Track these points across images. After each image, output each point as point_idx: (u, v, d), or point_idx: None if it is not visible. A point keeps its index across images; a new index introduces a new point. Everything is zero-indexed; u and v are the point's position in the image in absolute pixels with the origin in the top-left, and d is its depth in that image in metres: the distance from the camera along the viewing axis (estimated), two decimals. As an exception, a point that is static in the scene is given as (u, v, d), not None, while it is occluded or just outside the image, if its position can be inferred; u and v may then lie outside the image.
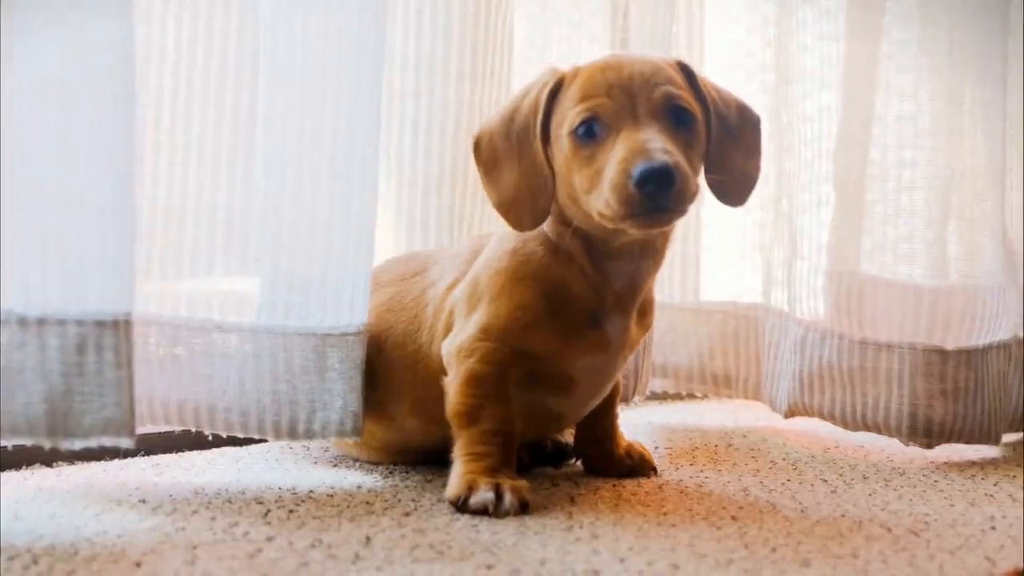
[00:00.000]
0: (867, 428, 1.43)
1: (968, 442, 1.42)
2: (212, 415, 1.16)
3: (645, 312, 1.19)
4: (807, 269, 1.49)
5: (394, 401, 1.19)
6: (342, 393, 1.16)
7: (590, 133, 1.06)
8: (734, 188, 1.14)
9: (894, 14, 1.47)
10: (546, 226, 1.13)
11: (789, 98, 1.52)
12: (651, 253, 1.13)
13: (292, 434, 1.16)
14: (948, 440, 1.41)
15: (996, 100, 1.48)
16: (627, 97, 1.06)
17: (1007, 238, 1.53)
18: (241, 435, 1.17)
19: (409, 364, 1.18)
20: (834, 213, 1.48)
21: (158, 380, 1.15)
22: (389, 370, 1.19)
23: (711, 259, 1.67)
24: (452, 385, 1.12)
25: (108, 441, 1.00)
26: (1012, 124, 1.61)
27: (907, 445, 1.43)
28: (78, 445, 0.99)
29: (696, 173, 1.08)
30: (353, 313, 1.17)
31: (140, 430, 1.26)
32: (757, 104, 1.57)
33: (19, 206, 0.97)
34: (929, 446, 1.41)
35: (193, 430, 1.18)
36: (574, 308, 1.12)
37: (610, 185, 1.02)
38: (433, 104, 1.38)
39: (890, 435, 1.42)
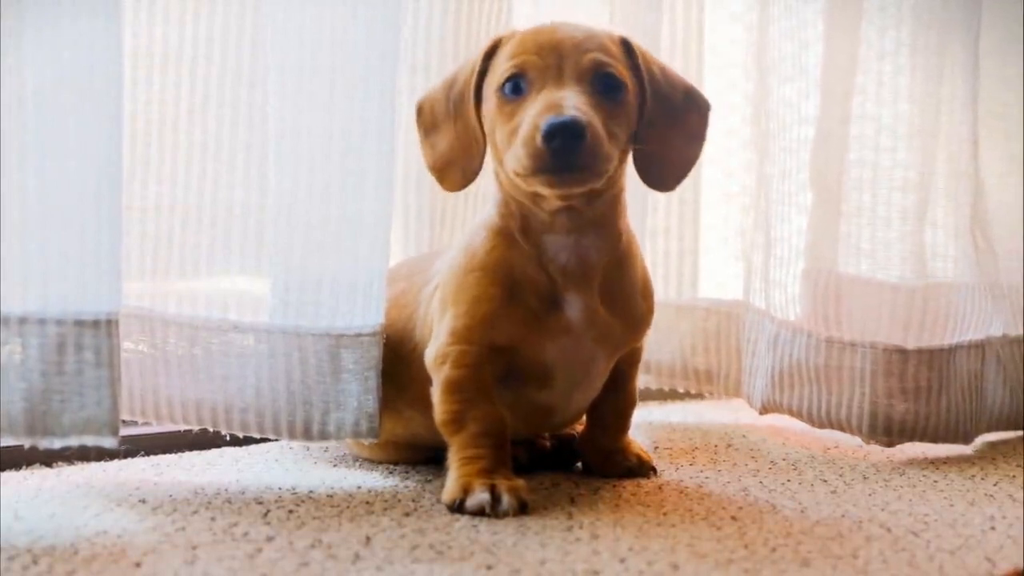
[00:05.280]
0: (832, 426, 1.44)
1: (933, 441, 1.42)
2: (229, 415, 1.16)
3: (624, 303, 1.15)
4: (782, 267, 1.49)
5: (398, 394, 1.20)
6: (356, 394, 1.16)
7: (516, 90, 1.07)
8: (666, 170, 1.14)
9: (873, 16, 1.47)
10: (493, 208, 1.14)
11: (771, 100, 1.51)
12: (591, 226, 1.12)
13: (307, 435, 1.17)
14: (910, 439, 1.41)
15: (969, 99, 1.48)
16: (556, 57, 1.07)
17: (984, 237, 1.53)
18: (257, 435, 1.18)
19: (408, 360, 1.19)
20: (812, 212, 1.48)
21: (177, 380, 1.16)
22: (394, 363, 1.20)
23: (699, 257, 1.66)
24: (435, 394, 1.13)
25: (90, 440, 1.00)
26: (1013, 124, 1.62)
27: (867, 443, 1.43)
28: (57, 444, 0.99)
29: (618, 142, 1.07)
30: (367, 313, 1.17)
31: (143, 430, 1.27)
32: (755, 101, 1.58)
33: (1, 206, 0.97)
34: (890, 444, 1.42)
35: (196, 429, 1.18)
36: (527, 291, 1.11)
37: (522, 140, 1.03)
38: (414, 101, 1.38)
39: (852, 433, 1.43)
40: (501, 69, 1.09)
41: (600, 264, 1.13)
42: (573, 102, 1.03)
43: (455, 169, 1.14)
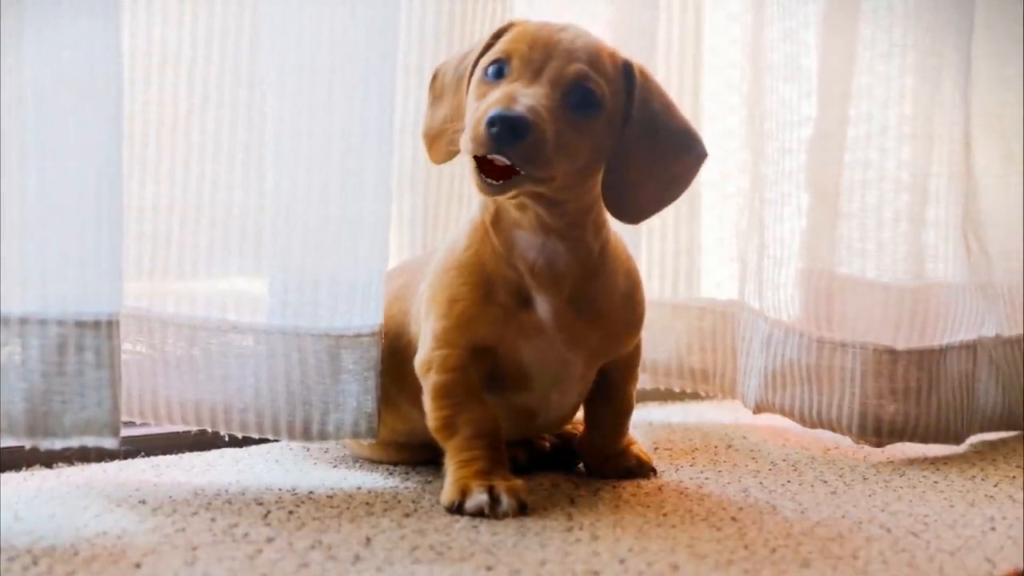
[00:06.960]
0: (822, 426, 1.44)
1: (923, 441, 1.43)
2: (228, 416, 1.16)
3: (602, 314, 1.14)
4: (776, 267, 1.49)
5: (397, 390, 1.20)
6: (356, 394, 1.17)
7: (498, 74, 1.07)
8: (630, 202, 1.12)
9: (869, 17, 1.47)
10: (478, 202, 1.14)
11: (767, 101, 1.51)
12: (556, 234, 1.11)
13: (306, 435, 1.17)
14: (900, 439, 1.42)
15: (962, 101, 1.49)
16: (543, 56, 1.06)
17: (976, 238, 1.54)
18: (256, 436, 1.18)
19: (405, 355, 1.18)
20: (808, 213, 1.48)
21: (175, 380, 1.16)
22: (393, 358, 1.20)
23: (695, 256, 1.66)
24: (425, 401, 1.13)
25: (90, 441, 1.00)
26: (1011, 123, 1.62)
27: (858, 444, 1.44)
28: (59, 445, 0.99)
29: (572, 156, 1.06)
30: (366, 313, 1.17)
31: (143, 430, 1.27)
32: (750, 102, 1.58)
33: (1, 206, 0.97)
34: (879, 445, 1.42)
35: (195, 430, 1.18)
36: (499, 288, 1.12)
37: (472, 121, 1.03)
38: (408, 103, 1.38)
39: (842, 433, 1.43)
40: (492, 52, 1.09)
41: (569, 273, 1.12)
42: (529, 101, 1.02)
43: (443, 141, 1.14)
